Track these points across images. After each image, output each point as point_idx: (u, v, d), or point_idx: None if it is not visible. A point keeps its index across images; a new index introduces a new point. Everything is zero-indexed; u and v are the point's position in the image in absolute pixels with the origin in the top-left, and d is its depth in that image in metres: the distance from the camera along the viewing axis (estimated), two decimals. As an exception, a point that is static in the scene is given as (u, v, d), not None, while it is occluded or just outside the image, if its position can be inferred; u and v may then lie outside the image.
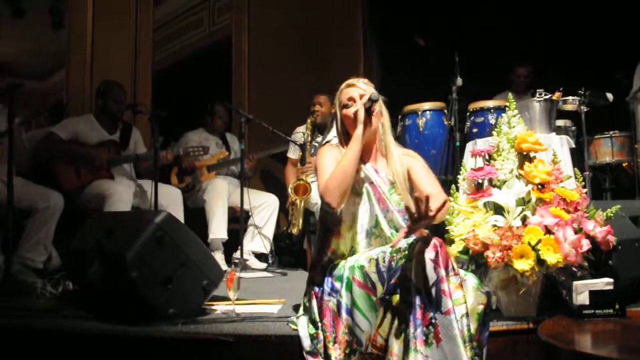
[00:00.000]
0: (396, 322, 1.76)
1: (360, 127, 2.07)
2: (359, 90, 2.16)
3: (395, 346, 1.73)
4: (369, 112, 2.09)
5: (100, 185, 3.71)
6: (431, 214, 1.79)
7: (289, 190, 4.19)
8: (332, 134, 2.33)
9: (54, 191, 3.50)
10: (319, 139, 4.33)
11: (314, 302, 2.03)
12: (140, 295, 2.15)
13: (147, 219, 2.27)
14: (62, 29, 4.96)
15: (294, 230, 4.21)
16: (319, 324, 1.96)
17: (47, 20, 5.21)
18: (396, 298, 1.80)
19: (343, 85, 2.22)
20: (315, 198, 4.00)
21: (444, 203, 1.88)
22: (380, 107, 2.19)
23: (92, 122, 4.02)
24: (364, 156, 2.19)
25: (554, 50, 4.95)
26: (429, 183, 2.15)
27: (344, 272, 1.97)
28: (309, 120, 4.34)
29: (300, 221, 4.21)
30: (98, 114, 4.07)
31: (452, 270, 1.82)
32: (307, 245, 4.38)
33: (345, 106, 2.16)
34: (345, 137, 2.19)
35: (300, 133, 4.67)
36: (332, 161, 2.11)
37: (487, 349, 1.86)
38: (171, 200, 3.90)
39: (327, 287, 2.00)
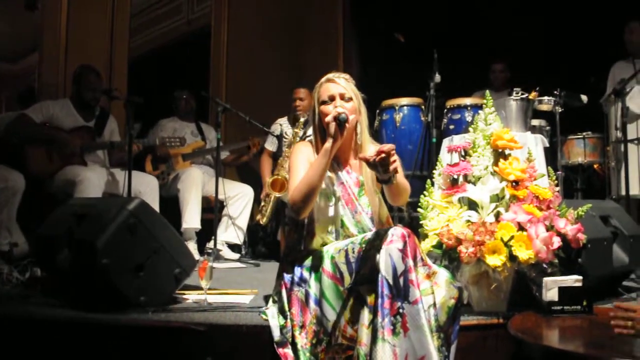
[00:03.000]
0: (365, 312, 1.77)
1: (329, 141, 2.01)
2: (339, 87, 2.11)
3: (364, 336, 1.74)
4: (340, 127, 2.01)
5: (72, 171, 3.63)
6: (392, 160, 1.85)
7: (267, 184, 4.17)
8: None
9: (14, 171, 3.40)
10: (301, 133, 4.31)
11: (284, 292, 2.03)
12: (111, 283, 2.12)
13: (120, 206, 2.24)
14: (35, 10, 4.82)
15: (263, 220, 4.21)
16: (288, 314, 1.96)
17: (19, 0, 5.07)
18: (364, 288, 1.80)
19: (323, 79, 2.16)
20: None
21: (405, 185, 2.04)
22: (359, 104, 2.14)
23: (68, 106, 3.91)
24: (338, 155, 2.16)
25: (531, 50, 5.02)
26: None
27: (313, 263, 1.97)
28: (301, 120, 4.30)
29: (269, 213, 4.21)
30: (74, 99, 3.96)
31: (421, 261, 1.85)
32: (281, 236, 4.37)
33: (324, 102, 2.12)
34: (320, 133, 2.14)
35: (278, 125, 4.66)
36: (304, 161, 2.10)
37: (457, 343, 1.88)
38: (147, 188, 3.85)
39: (296, 277, 2.00)
